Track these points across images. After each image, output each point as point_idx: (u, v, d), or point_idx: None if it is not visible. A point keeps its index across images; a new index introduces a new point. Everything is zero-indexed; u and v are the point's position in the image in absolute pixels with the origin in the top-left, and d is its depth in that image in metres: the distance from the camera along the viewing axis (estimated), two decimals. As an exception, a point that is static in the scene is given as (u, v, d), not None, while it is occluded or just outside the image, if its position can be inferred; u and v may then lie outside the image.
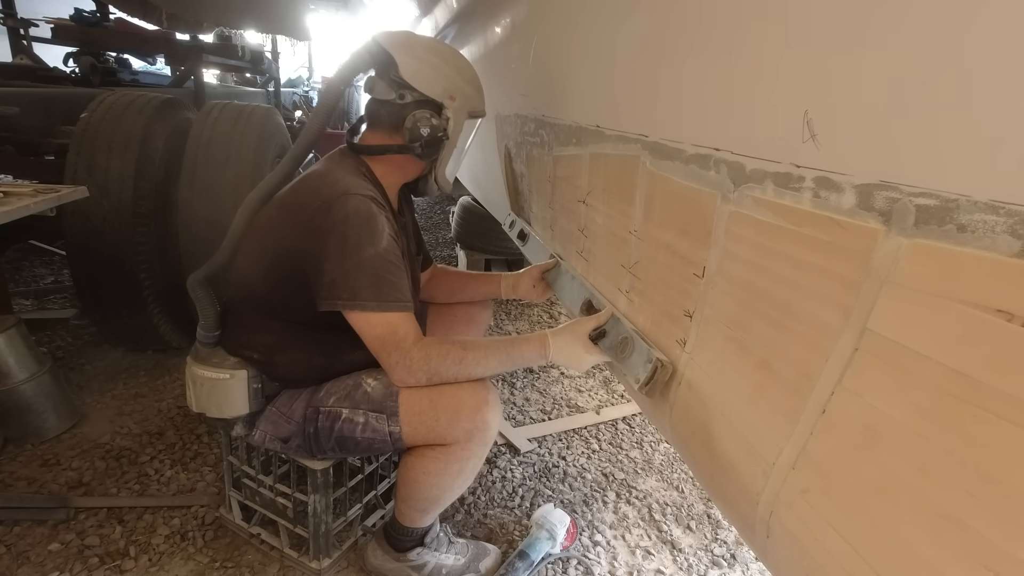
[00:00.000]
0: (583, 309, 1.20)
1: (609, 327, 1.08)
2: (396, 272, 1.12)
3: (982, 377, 0.41)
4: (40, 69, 3.27)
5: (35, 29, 3.66)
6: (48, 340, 2.29)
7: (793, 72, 0.58)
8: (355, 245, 1.08)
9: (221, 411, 1.21)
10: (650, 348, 0.90)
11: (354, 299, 1.08)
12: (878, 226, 0.49)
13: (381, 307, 1.09)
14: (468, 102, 1.22)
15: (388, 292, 1.10)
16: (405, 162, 1.25)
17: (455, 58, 1.23)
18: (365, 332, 1.11)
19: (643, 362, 0.90)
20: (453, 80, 1.19)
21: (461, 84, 1.20)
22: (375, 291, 1.09)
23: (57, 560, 1.32)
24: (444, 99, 1.18)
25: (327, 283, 1.09)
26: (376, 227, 1.10)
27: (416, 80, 1.17)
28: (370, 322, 1.10)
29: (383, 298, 1.09)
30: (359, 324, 1.11)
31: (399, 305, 1.11)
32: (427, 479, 1.17)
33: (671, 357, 0.87)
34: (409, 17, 3.09)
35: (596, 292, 1.17)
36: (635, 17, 0.90)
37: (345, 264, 1.08)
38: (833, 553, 0.55)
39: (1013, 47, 0.38)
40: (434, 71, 1.18)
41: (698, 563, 1.50)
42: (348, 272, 1.08)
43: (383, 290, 1.09)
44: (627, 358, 0.96)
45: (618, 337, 1.01)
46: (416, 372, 1.11)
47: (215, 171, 2.07)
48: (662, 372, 0.86)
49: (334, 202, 1.09)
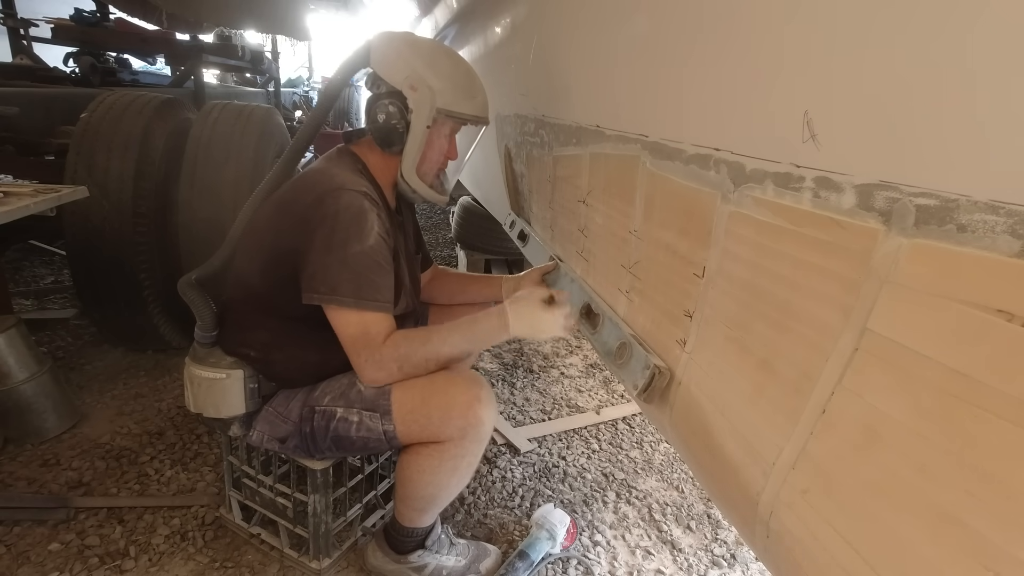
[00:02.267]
0: (583, 312, 1.20)
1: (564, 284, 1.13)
2: (379, 272, 1.11)
3: (982, 377, 0.41)
4: (40, 69, 3.27)
5: (35, 29, 3.66)
6: (48, 340, 2.29)
7: (793, 72, 0.58)
8: (341, 240, 1.07)
9: (218, 411, 1.21)
10: (648, 354, 0.90)
11: (332, 294, 1.08)
12: (878, 226, 0.49)
13: (359, 304, 1.09)
14: (436, 96, 1.16)
15: (368, 291, 1.09)
16: (383, 156, 1.24)
17: (429, 51, 1.19)
18: (340, 329, 1.11)
19: (641, 368, 0.90)
20: (417, 70, 1.15)
21: (428, 76, 1.15)
22: (355, 288, 1.08)
23: (57, 560, 1.32)
24: (404, 88, 1.15)
25: (308, 275, 1.09)
26: (365, 224, 1.09)
27: (380, 67, 1.17)
28: (346, 319, 1.10)
29: (362, 295, 1.09)
30: (335, 320, 1.11)
31: (377, 305, 1.10)
32: (422, 477, 1.17)
33: (670, 358, 0.87)
34: (409, 17, 3.09)
35: (595, 295, 1.17)
36: (635, 17, 0.90)
37: (329, 258, 1.07)
38: (833, 553, 0.55)
39: (1014, 47, 0.38)
40: (399, 59, 1.16)
41: (698, 563, 1.50)
42: (330, 266, 1.07)
43: (363, 288, 1.09)
44: (625, 364, 0.96)
45: (616, 342, 1.01)
46: (387, 364, 1.10)
47: (215, 171, 2.07)
48: (660, 379, 0.86)
49: (327, 196, 1.09)
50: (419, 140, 1.19)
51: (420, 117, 1.16)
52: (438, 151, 1.25)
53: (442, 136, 1.24)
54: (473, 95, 1.23)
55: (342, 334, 1.11)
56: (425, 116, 1.17)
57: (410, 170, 1.22)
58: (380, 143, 1.21)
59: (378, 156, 1.24)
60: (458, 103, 1.20)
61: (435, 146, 1.23)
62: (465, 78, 1.22)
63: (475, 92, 1.24)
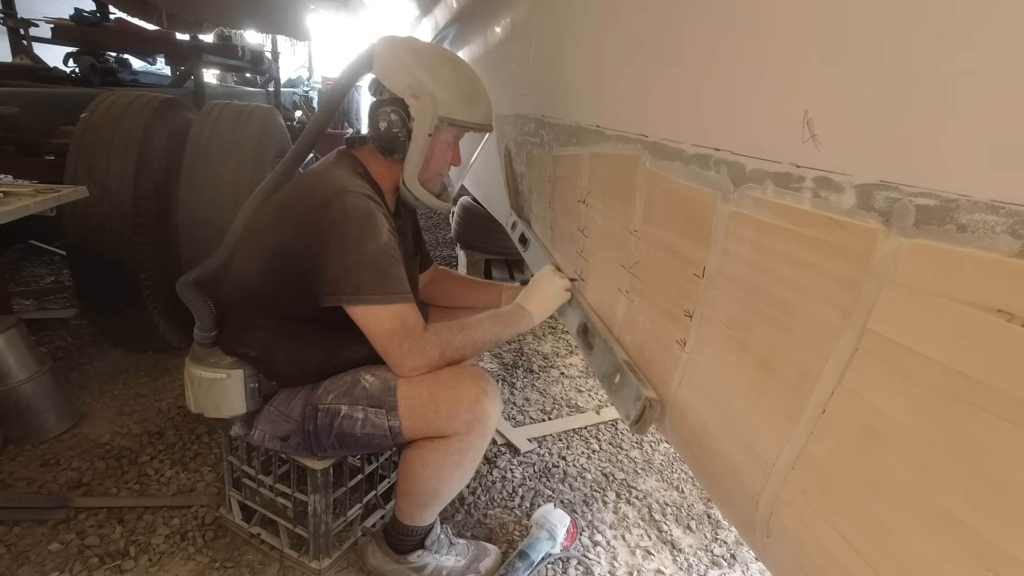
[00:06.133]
0: (579, 331, 1.20)
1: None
2: (397, 265, 1.13)
3: (982, 377, 0.41)
4: (40, 69, 3.27)
5: (35, 29, 3.66)
6: (48, 340, 2.30)
7: (793, 72, 0.58)
8: (356, 241, 1.08)
9: (219, 411, 1.21)
10: (640, 385, 0.90)
11: (359, 293, 1.08)
12: (878, 226, 0.48)
13: (387, 299, 1.10)
14: (439, 105, 1.16)
15: (391, 284, 1.10)
16: (384, 161, 1.24)
17: (432, 58, 1.19)
18: (372, 327, 1.11)
19: (633, 399, 0.91)
20: (419, 78, 1.15)
21: (430, 84, 1.15)
22: (379, 285, 1.09)
23: (57, 560, 1.32)
24: (407, 96, 1.16)
25: (330, 279, 1.09)
26: (376, 223, 1.11)
27: (383, 75, 1.18)
28: (377, 316, 1.10)
29: (387, 291, 1.10)
30: (365, 319, 1.11)
31: (404, 297, 1.12)
32: (425, 471, 1.17)
33: (669, 362, 0.87)
34: (409, 17, 3.09)
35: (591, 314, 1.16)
36: (634, 16, 0.90)
37: (347, 260, 1.08)
38: (833, 553, 0.55)
39: (1014, 46, 0.38)
40: (401, 67, 1.16)
41: (698, 563, 1.50)
42: (351, 267, 1.08)
43: (386, 283, 1.10)
44: (618, 391, 0.97)
45: (611, 368, 1.01)
46: (429, 350, 1.12)
47: (215, 171, 2.07)
48: (650, 411, 0.87)
49: (332, 199, 1.10)
50: (420, 148, 1.19)
51: (422, 125, 1.17)
52: (440, 158, 1.25)
53: (444, 143, 1.24)
54: (476, 103, 1.23)
55: (377, 330, 1.11)
56: (427, 125, 1.17)
57: (412, 177, 1.23)
58: (382, 150, 1.21)
59: (380, 161, 1.25)
60: (461, 111, 1.20)
61: (437, 153, 1.24)
62: (468, 85, 1.22)
63: (478, 100, 1.23)
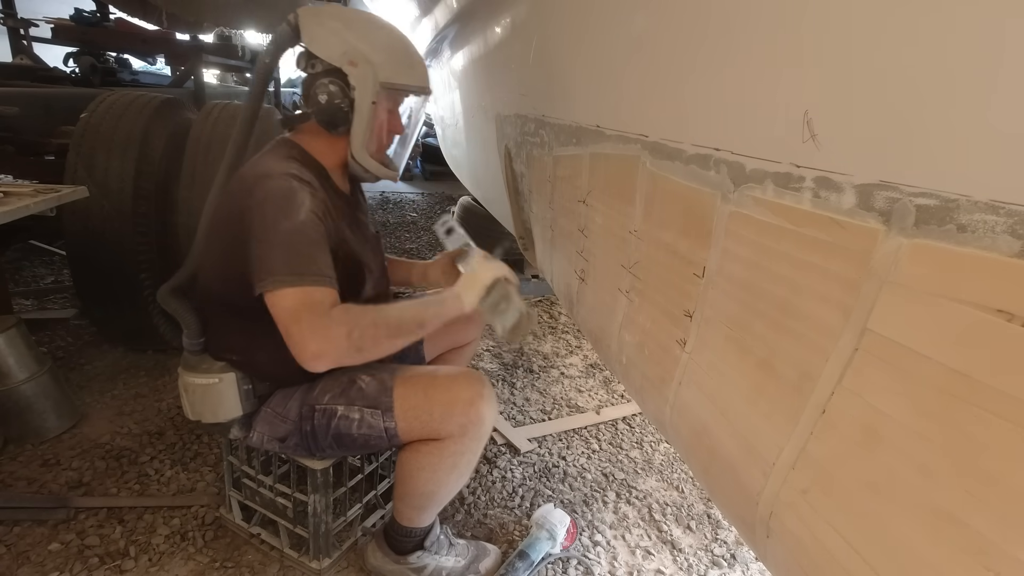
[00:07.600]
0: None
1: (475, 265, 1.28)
2: (314, 247, 1.05)
3: (982, 377, 0.41)
4: (40, 69, 3.28)
5: (35, 29, 3.67)
6: (48, 340, 2.29)
7: (793, 72, 0.58)
8: (272, 222, 1.03)
9: (215, 415, 1.20)
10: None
11: (269, 275, 1.00)
12: (878, 226, 0.49)
13: (297, 281, 1.01)
14: (378, 70, 1.12)
15: (303, 264, 1.02)
16: (328, 138, 1.18)
17: (363, 24, 1.15)
18: (276, 307, 1.02)
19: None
20: (353, 44, 1.11)
21: (365, 50, 1.11)
22: (288, 264, 1.01)
23: (57, 560, 1.32)
24: (344, 64, 1.11)
25: (253, 269, 1.04)
26: (293, 202, 1.05)
27: (314, 45, 1.12)
28: (282, 295, 1.00)
29: (297, 270, 1.01)
30: (272, 302, 1.02)
31: (316, 279, 1.02)
32: (421, 474, 1.17)
33: (669, 362, 0.87)
34: (409, 17, 3.09)
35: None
36: (635, 16, 0.90)
37: (263, 244, 1.02)
38: (833, 553, 0.55)
39: (1013, 46, 0.38)
40: (332, 35, 1.11)
41: (698, 563, 1.50)
42: (264, 251, 1.02)
43: (298, 263, 1.01)
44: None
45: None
46: (333, 330, 1.01)
47: (215, 171, 2.06)
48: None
49: (255, 185, 1.07)
50: (366, 117, 1.14)
51: (364, 93, 1.12)
52: (385, 126, 1.21)
53: (385, 110, 1.19)
54: (412, 64, 1.19)
55: (279, 311, 1.01)
56: (369, 92, 1.12)
57: (360, 149, 1.17)
58: (325, 125, 1.15)
59: (323, 140, 1.19)
60: (400, 75, 1.16)
61: (381, 121, 1.19)
62: (403, 48, 1.19)
63: (414, 62, 1.20)
